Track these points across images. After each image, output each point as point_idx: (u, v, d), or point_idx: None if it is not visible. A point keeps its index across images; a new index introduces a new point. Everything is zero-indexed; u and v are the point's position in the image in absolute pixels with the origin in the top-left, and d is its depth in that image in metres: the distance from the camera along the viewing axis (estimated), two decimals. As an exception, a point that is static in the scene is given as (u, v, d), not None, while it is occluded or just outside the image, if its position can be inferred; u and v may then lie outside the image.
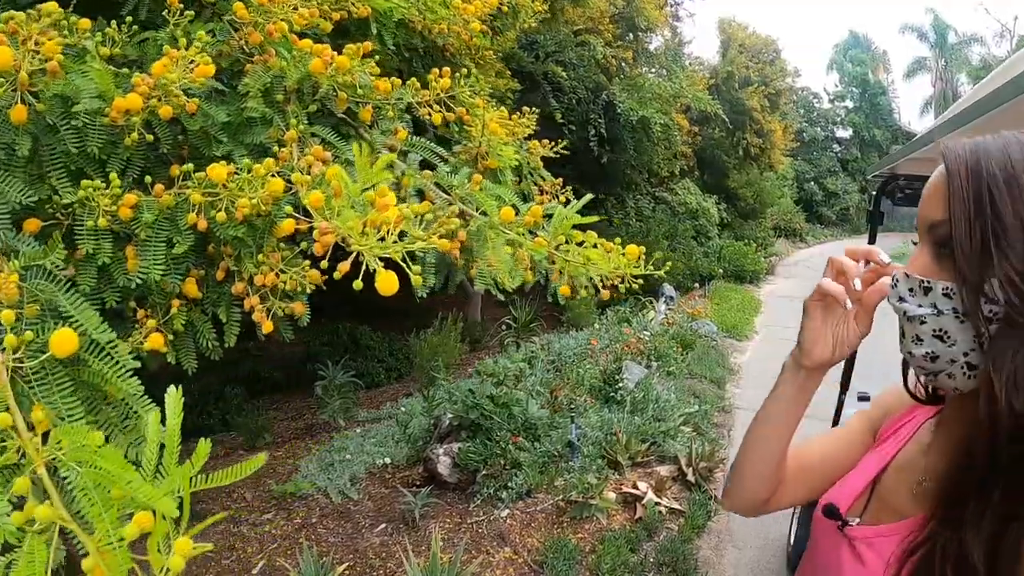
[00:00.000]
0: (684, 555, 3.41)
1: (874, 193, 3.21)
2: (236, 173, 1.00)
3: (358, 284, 0.77)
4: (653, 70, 10.95)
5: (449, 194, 1.21)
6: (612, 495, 3.84)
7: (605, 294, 1.20)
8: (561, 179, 2.25)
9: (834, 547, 0.78)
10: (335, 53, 1.23)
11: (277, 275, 1.01)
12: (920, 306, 0.66)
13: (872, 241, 3.23)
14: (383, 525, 4.14)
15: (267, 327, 0.95)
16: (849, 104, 31.16)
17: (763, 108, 15.43)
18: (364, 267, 0.76)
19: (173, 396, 0.59)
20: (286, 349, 8.83)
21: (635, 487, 3.96)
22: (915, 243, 0.71)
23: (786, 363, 0.82)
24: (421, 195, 1.21)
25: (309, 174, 1.02)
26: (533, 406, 4.56)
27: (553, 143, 2.25)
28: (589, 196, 1.10)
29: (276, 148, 1.13)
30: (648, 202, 12.00)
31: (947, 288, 0.64)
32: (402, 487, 4.52)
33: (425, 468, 4.46)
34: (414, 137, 1.34)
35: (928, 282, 0.66)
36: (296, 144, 1.13)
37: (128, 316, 1.11)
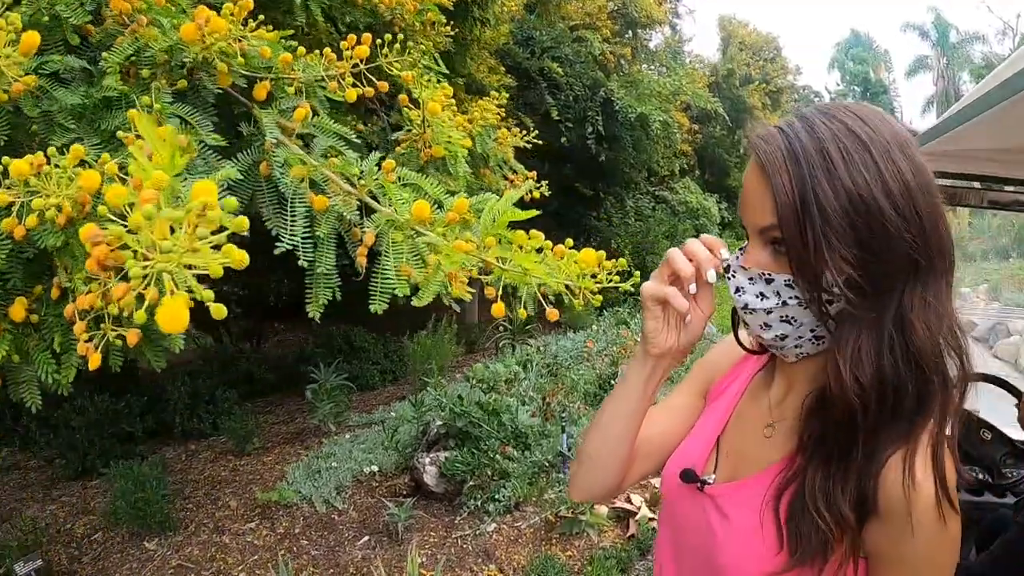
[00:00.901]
0: None
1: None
2: (51, 165, 0.75)
3: (140, 315, 0.52)
4: (652, 67, 10.62)
5: (355, 186, 0.95)
6: (604, 510, 3.57)
7: (552, 314, 0.93)
8: (535, 171, 1.99)
9: (698, 510, 0.78)
10: (214, 14, 0.98)
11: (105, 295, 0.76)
12: (764, 296, 0.67)
13: None
14: (366, 538, 3.91)
15: (94, 362, 0.70)
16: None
17: (764, 106, 15.06)
18: (156, 291, 0.50)
19: None
20: (285, 349, 8.62)
21: (628, 501, 3.69)
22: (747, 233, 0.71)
23: (636, 352, 0.81)
24: (319, 188, 0.96)
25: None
26: (524, 414, 4.30)
27: (525, 132, 1.98)
28: (529, 183, 0.84)
29: (121, 133, 0.89)
30: (648, 201, 11.64)
31: (788, 280, 0.66)
32: (389, 496, 4.29)
33: (411, 477, 4.22)
34: (317, 117, 1.07)
35: (768, 275, 0.67)
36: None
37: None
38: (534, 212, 0.79)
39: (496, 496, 3.74)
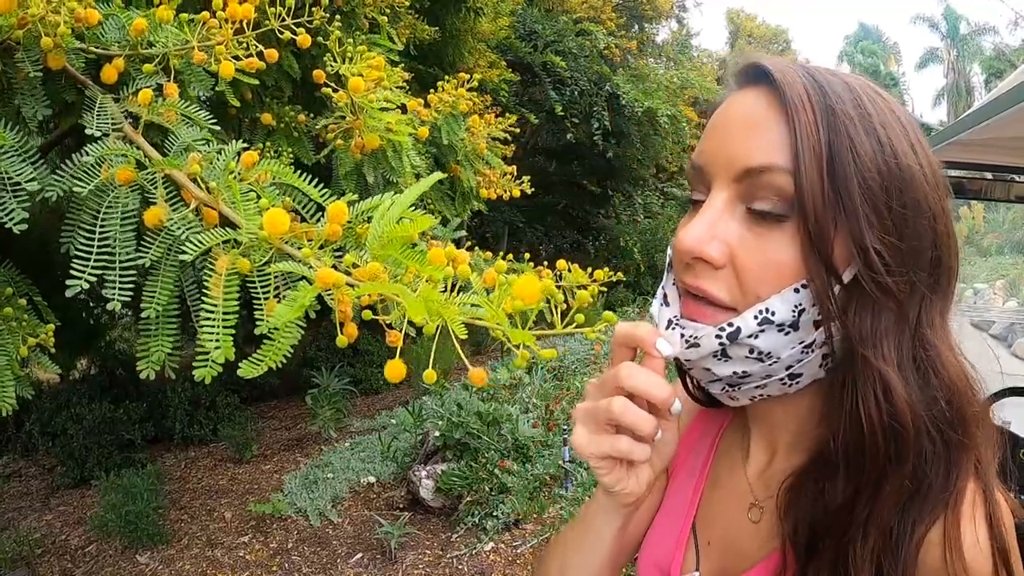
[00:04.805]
0: (688, 604, 2.82)
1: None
2: None
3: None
4: (659, 61, 10.21)
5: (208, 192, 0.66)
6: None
7: (476, 377, 0.65)
8: (515, 167, 1.67)
9: None
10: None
11: None
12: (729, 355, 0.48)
13: None
14: (360, 555, 3.65)
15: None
16: (860, 96, 29.77)
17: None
18: None
19: None
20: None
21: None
22: (695, 200, 0.51)
23: (596, 497, 0.58)
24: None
25: None
26: (525, 423, 4.00)
27: (501, 118, 1.66)
28: (437, 175, 0.54)
29: None
30: (657, 198, 11.23)
31: (763, 310, 0.46)
32: (386, 509, 4.05)
33: (408, 490, 3.95)
34: (162, 100, 0.77)
35: (731, 326, 0.47)
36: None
37: None
38: (431, 220, 0.48)
39: (494, 512, 3.45)
